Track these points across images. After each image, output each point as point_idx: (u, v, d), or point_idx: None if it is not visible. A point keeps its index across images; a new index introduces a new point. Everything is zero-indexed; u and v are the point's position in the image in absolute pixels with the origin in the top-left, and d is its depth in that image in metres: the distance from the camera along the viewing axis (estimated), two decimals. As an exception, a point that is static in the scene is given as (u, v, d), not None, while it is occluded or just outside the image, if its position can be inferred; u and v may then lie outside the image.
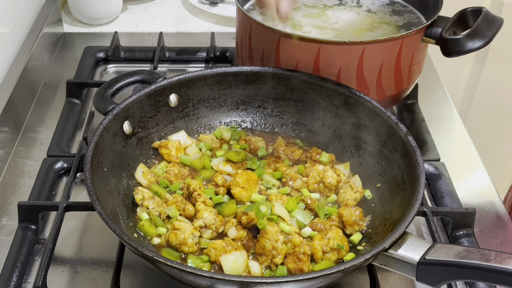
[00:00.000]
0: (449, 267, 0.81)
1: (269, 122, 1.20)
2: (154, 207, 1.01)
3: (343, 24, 1.28)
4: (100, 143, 0.99)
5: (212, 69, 1.16)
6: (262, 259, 0.94)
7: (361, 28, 1.26)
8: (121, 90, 1.12)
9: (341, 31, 1.25)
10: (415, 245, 0.85)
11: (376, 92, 1.20)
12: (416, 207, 0.89)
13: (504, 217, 1.12)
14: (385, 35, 1.21)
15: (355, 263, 0.82)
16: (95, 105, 1.07)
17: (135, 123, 1.09)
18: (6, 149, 1.22)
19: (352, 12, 1.32)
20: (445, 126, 1.35)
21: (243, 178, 1.03)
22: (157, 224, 0.99)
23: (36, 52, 1.44)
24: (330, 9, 1.32)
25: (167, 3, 1.81)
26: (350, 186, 1.05)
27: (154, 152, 1.13)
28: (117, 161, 1.04)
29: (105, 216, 0.86)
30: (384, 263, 0.87)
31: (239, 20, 1.27)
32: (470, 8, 1.20)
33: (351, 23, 1.28)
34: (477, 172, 1.23)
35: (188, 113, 1.17)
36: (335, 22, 1.27)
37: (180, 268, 0.80)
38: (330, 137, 1.15)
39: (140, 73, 1.14)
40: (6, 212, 1.10)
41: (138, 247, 0.82)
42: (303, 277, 0.80)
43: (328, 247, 0.95)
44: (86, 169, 0.92)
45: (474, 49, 1.13)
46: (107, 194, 0.97)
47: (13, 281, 0.96)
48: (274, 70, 1.15)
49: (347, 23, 1.28)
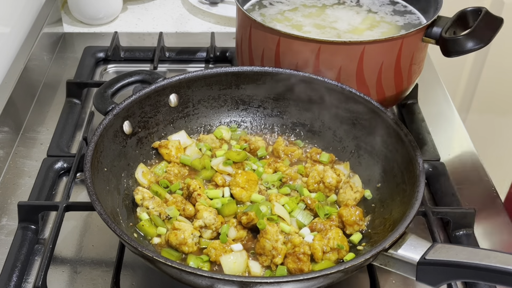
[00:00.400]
0: (449, 267, 0.81)
1: (269, 122, 1.20)
2: (154, 207, 1.01)
3: (343, 23, 1.28)
4: (100, 143, 0.99)
5: (212, 69, 1.16)
6: (262, 259, 0.94)
7: (361, 28, 1.26)
8: (121, 90, 1.12)
9: (341, 30, 1.25)
10: (415, 245, 0.85)
11: (376, 92, 1.20)
12: (416, 207, 0.89)
13: (504, 217, 1.12)
14: (385, 35, 1.21)
15: (355, 263, 0.82)
16: (95, 105, 1.07)
17: (135, 123, 1.09)
18: (6, 149, 1.22)
19: (351, 11, 1.32)
20: (445, 126, 1.35)
21: (243, 178, 1.03)
22: (157, 224, 0.99)
23: (36, 52, 1.44)
24: (330, 8, 1.32)
25: (167, 3, 1.81)
26: (350, 186, 1.05)
27: (154, 152, 1.13)
28: (117, 161, 1.04)
29: (105, 216, 0.86)
30: (384, 263, 0.87)
31: (239, 20, 1.27)
32: (470, 8, 1.20)
33: (351, 23, 1.28)
34: (477, 172, 1.23)
35: (188, 113, 1.17)
36: (334, 21, 1.27)
37: (180, 268, 0.80)
38: (330, 137, 1.15)
39: (140, 73, 1.14)
40: (6, 212, 1.10)
41: (138, 247, 0.82)
42: (303, 277, 0.80)
43: (328, 247, 0.95)
44: (86, 169, 0.92)
45: (474, 49, 1.13)
46: (107, 194, 0.97)
47: (13, 281, 0.96)
48: (274, 70, 1.15)
49: (347, 22, 1.28)
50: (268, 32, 1.17)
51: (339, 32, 1.24)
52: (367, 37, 1.22)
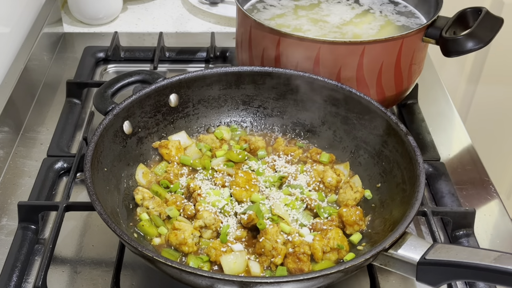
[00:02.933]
0: (450, 267, 0.81)
1: (269, 122, 1.20)
2: (154, 207, 1.01)
3: (335, 17, 1.28)
4: (100, 143, 0.99)
5: (212, 69, 1.16)
6: (262, 259, 0.94)
7: (360, 28, 1.26)
8: (121, 90, 1.12)
9: (341, 29, 1.25)
10: (415, 245, 0.85)
11: (376, 92, 1.20)
12: (416, 207, 0.89)
13: (504, 217, 1.12)
14: (385, 35, 1.21)
15: (355, 263, 0.82)
16: (95, 105, 1.07)
17: (135, 123, 1.09)
18: (6, 149, 1.22)
19: (350, 10, 1.32)
20: (445, 126, 1.35)
21: (243, 178, 1.03)
22: (157, 224, 0.99)
23: (36, 52, 1.44)
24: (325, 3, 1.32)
25: (167, 3, 1.81)
26: (350, 186, 1.05)
27: (154, 152, 1.13)
28: (117, 161, 1.04)
29: (105, 216, 0.86)
30: (384, 263, 0.87)
31: (239, 20, 1.27)
32: (470, 8, 1.20)
33: (351, 22, 1.28)
34: (477, 172, 1.22)
35: (188, 113, 1.17)
36: (326, 15, 1.27)
37: (180, 268, 0.80)
38: (330, 137, 1.15)
39: (140, 73, 1.14)
40: (6, 212, 1.10)
41: (138, 247, 0.82)
42: (303, 277, 0.80)
43: (328, 247, 0.95)
44: (86, 169, 0.92)
45: (474, 49, 1.13)
46: (107, 194, 0.97)
47: (13, 281, 0.96)
48: (274, 70, 1.15)
49: (346, 22, 1.28)
50: (268, 32, 1.17)
51: (330, 26, 1.24)
52: (367, 37, 1.22)
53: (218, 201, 1.01)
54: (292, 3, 1.33)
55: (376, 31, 1.25)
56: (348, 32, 1.24)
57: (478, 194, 1.17)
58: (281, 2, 1.33)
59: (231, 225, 0.99)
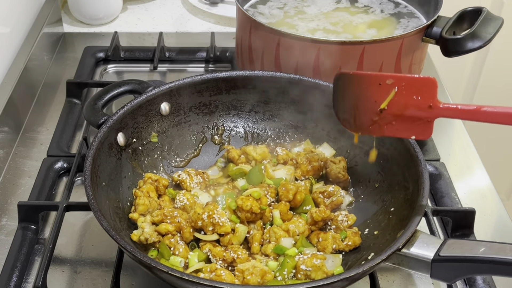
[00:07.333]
0: (465, 263, 0.80)
1: (262, 126, 1.19)
2: (150, 231, 0.97)
3: (342, 23, 1.28)
4: (97, 157, 0.97)
5: (201, 76, 1.14)
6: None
7: (360, 27, 1.26)
8: (111, 101, 1.10)
9: (341, 29, 1.25)
10: (427, 242, 0.85)
11: (376, 92, 1.20)
12: (424, 202, 0.89)
13: (504, 217, 1.13)
14: (385, 35, 1.21)
15: (372, 264, 0.81)
16: (86, 118, 1.06)
17: (128, 134, 1.07)
18: (6, 149, 1.22)
19: (351, 10, 1.32)
20: (445, 126, 1.35)
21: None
22: (164, 256, 0.96)
23: (36, 52, 1.44)
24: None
25: (167, 3, 1.81)
26: (332, 161, 1.09)
27: (147, 164, 1.10)
28: (113, 174, 1.02)
29: (108, 228, 0.85)
30: (398, 262, 0.86)
31: (239, 20, 1.27)
32: (470, 8, 1.20)
33: (350, 22, 1.28)
34: (477, 172, 1.23)
35: (180, 121, 1.15)
36: (308, 6, 1.27)
37: (179, 276, 0.79)
38: (324, 138, 1.15)
39: (130, 83, 1.12)
40: (6, 212, 1.10)
41: (137, 254, 0.82)
42: (316, 284, 0.78)
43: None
44: (86, 185, 0.91)
45: (474, 49, 1.13)
46: (108, 208, 0.96)
47: (13, 281, 0.96)
48: (264, 73, 1.14)
49: (346, 22, 1.28)
50: (268, 32, 1.17)
51: (339, 29, 1.24)
52: (367, 37, 1.22)
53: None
54: (282, 12, 1.33)
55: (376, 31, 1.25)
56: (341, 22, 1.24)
57: (478, 194, 1.17)
58: (272, 12, 1.33)
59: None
